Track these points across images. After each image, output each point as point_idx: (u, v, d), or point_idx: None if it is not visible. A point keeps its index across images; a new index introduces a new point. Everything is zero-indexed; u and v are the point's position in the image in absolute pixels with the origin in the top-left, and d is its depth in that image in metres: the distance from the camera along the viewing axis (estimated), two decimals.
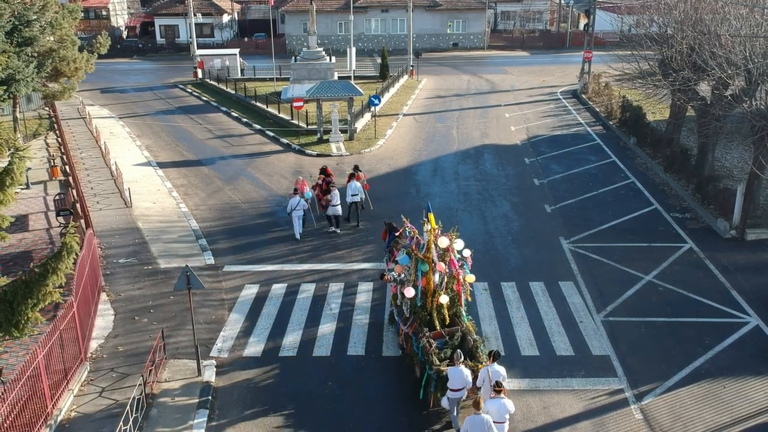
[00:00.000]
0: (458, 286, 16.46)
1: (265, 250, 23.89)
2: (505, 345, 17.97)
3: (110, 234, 25.08)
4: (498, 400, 13.43)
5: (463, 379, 14.29)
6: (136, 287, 21.17)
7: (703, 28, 27.00)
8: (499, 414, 13.36)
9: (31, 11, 32.23)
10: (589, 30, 50.98)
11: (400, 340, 17.40)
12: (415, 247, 16.52)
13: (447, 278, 16.43)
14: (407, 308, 16.92)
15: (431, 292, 16.38)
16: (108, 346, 17.96)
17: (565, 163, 33.69)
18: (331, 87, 37.46)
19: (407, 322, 16.77)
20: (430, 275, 16.18)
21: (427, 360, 15.18)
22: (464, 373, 14.31)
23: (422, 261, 16.15)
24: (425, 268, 16.13)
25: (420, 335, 15.91)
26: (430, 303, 16.46)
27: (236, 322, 19.24)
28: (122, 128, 42.04)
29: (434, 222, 16.24)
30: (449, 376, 14.33)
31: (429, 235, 16.09)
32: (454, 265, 16.37)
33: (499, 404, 13.39)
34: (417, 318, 16.48)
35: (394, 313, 18.15)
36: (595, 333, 18.55)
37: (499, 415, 13.33)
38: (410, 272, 16.60)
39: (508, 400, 13.65)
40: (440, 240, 15.93)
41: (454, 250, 16.33)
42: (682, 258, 23.01)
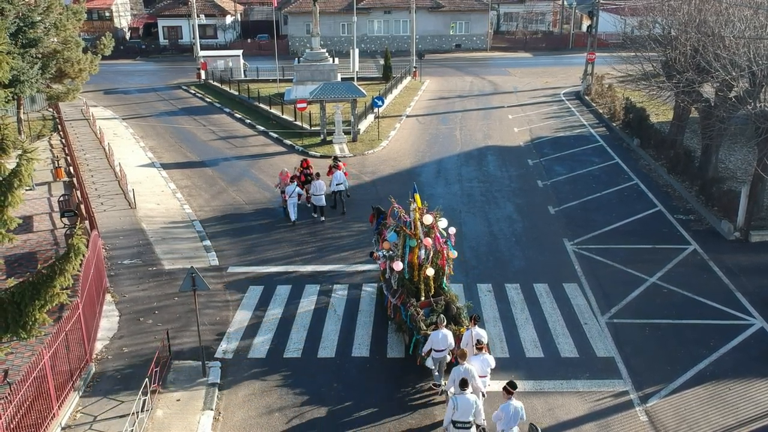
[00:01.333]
0: (443, 261, 17.88)
1: (269, 252, 23.92)
2: (509, 347, 17.99)
3: (114, 235, 25.13)
4: (480, 356, 14.99)
5: (446, 341, 15.63)
6: (141, 288, 21.21)
7: (707, 30, 27.00)
8: (482, 368, 14.88)
9: (36, 12, 32.33)
10: (593, 31, 50.94)
11: (389, 312, 18.70)
12: (402, 224, 17.80)
13: (432, 253, 17.65)
14: (395, 281, 18.13)
15: (418, 266, 17.64)
16: (113, 347, 18.00)
17: (569, 164, 33.70)
18: (335, 88, 37.50)
19: (395, 294, 18.13)
20: (417, 250, 17.48)
21: (415, 326, 16.70)
22: (447, 336, 15.66)
23: (409, 237, 17.52)
24: (413, 244, 17.49)
25: (408, 305, 17.30)
26: (417, 275, 17.75)
27: (241, 324, 19.27)
28: (126, 129, 42.11)
29: (420, 201, 17.60)
30: (432, 339, 15.62)
31: (415, 213, 17.46)
32: (438, 240, 17.65)
33: (481, 359, 14.95)
34: (405, 290, 17.81)
35: (383, 287, 19.32)
36: (600, 335, 18.55)
37: (481, 369, 14.83)
38: (398, 248, 17.79)
39: (490, 356, 15.23)
40: (425, 217, 17.31)
41: (438, 228, 17.63)
42: (686, 260, 23.00)
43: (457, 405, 13.50)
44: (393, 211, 18.51)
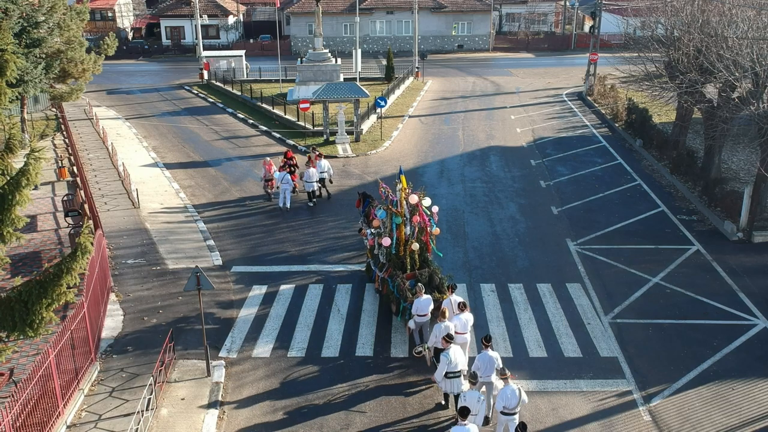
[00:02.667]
0: (426, 237, 19.44)
1: (272, 251, 23.97)
2: (513, 346, 18.02)
3: (118, 235, 25.19)
4: (460, 316, 16.46)
5: (427, 306, 17.30)
6: (145, 288, 21.26)
7: (710, 31, 27.04)
8: (463, 326, 16.40)
9: (40, 12, 32.39)
10: (595, 32, 50.97)
11: (376, 285, 20.37)
12: (389, 203, 19.30)
13: (417, 229, 19.18)
14: (383, 256, 19.81)
15: (404, 241, 19.17)
16: (118, 346, 18.05)
17: (572, 165, 33.72)
18: (337, 89, 37.55)
19: (383, 268, 19.70)
20: (403, 227, 19.07)
21: (402, 296, 18.23)
22: (428, 302, 17.35)
23: (396, 215, 19.07)
24: (399, 221, 19.06)
25: (395, 277, 18.76)
26: (403, 250, 19.22)
27: (245, 323, 19.31)
28: (129, 129, 42.18)
29: (405, 182, 19.16)
30: (416, 305, 17.24)
31: (401, 193, 18.99)
32: (423, 217, 19.16)
33: (462, 319, 16.43)
34: (392, 264, 19.35)
35: (371, 263, 20.98)
36: (603, 335, 18.58)
37: (462, 327, 16.36)
38: (386, 225, 19.49)
39: (470, 315, 16.70)
40: (410, 197, 18.77)
41: (422, 206, 19.10)
42: (689, 260, 23.02)
43: (449, 359, 14.62)
44: (382, 191, 19.76)
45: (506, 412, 13.79)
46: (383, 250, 19.73)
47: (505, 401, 13.73)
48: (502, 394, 13.81)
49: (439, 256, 21.64)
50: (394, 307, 18.95)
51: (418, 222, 18.98)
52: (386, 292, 19.57)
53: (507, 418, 13.81)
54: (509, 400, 13.70)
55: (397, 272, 18.91)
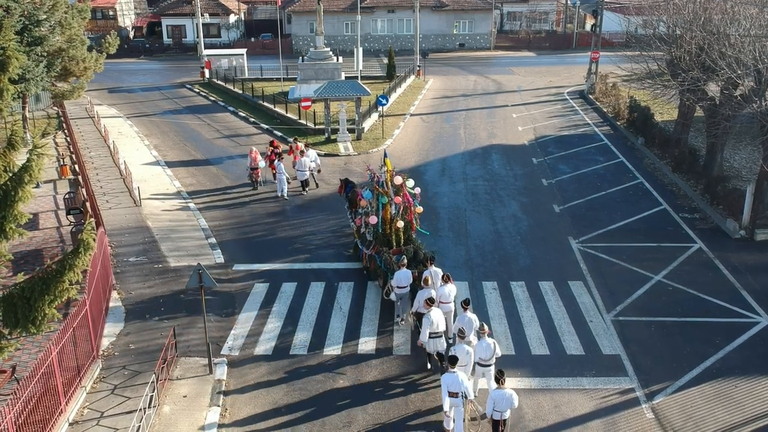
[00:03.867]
0: (410, 215, 20.73)
1: (274, 249, 23.96)
2: (515, 344, 18.00)
3: (120, 233, 25.18)
4: (446, 287, 17.62)
5: (407, 279, 18.49)
6: (147, 285, 21.25)
7: (713, 28, 27.00)
8: (446, 296, 17.47)
9: (41, 11, 32.37)
10: (597, 31, 50.91)
11: (364, 262, 21.59)
12: (375, 184, 20.62)
13: (402, 208, 20.49)
14: (370, 234, 21.13)
15: (389, 220, 20.52)
16: (120, 344, 18.05)
17: (573, 163, 33.69)
18: (339, 87, 37.53)
19: (370, 245, 20.96)
20: (388, 206, 20.40)
21: (389, 269, 19.46)
22: (407, 274, 18.48)
23: (382, 195, 20.38)
24: (384, 201, 20.38)
25: (382, 253, 20.09)
26: (389, 228, 20.53)
27: (247, 321, 19.30)
28: (130, 128, 42.16)
29: (390, 165, 20.57)
30: (396, 277, 18.46)
31: (386, 174, 20.31)
32: (407, 197, 20.50)
33: (446, 289, 17.54)
34: (378, 241, 20.67)
35: (358, 243, 22.29)
36: (605, 332, 18.56)
37: (445, 297, 17.45)
38: (372, 205, 20.87)
39: (453, 286, 17.74)
40: (395, 178, 20.23)
41: (406, 187, 20.54)
42: (691, 258, 22.99)
43: (430, 320, 16.00)
44: (368, 173, 21.55)
45: (482, 363, 15.33)
46: (370, 229, 21.09)
47: (481, 353, 15.26)
48: (478, 346, 15.34)
49: (426, 235, 22.83)
50: (381, 281, 20.41)
51: (403, 201, 20.35)
52: (374, 268, 20.95)
53: (483, 369, 15.36)
54: (484, 351, 15.23)
55: (384, 248, 20.24)
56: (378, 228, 20.76)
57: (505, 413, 13.74)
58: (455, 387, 13.85)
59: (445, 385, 13.94)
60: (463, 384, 13.87)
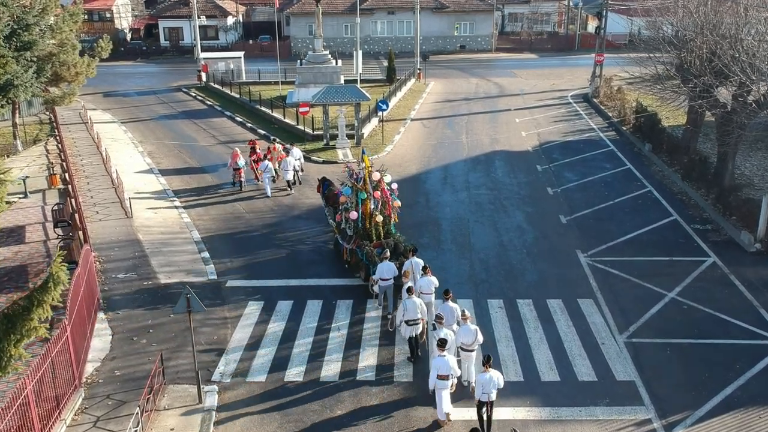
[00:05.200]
0: (389, 210, 21.54)
1: (270, 263, 22.98)
2: (523, 369, 16.99)
3: (109, 246, 24.18)
4: (426, 278, 18.30)
5: (391, 270, 19.00)
6: (135, 305, 20.24)
7: (725, 32, 26.00)
8: (427, 287, 18.22)
9: (30, 15, 31.35)
10: (601, 33, 49.88)
11: (345, 257, 22.00)
12: (354, 180, 21.30)
13: (380, 203, 21.23)
14: (350, 229, 21.66)
15: (369, 214, 21.13)
16: (104, 370, 17.03)
17: (579, 170, 32.68)
18: (338, 92, 36.49)
19: (350, 240, 21.49)
20: (368, 202, 21.06)
21: (371, 261, 20.12)
22: (391, 267, 19.04)
23: (361, 191, 21.04)
24: (364, 196, 21.00)
25: (363, 246, 20.73)
26: (369, 223, 21.18)
27: (239, 343, 18.29)
28: (124, 133, 41.16)
29: (368, 161, 21.39)
30: (380, 269, 18.98)
31: (364, 171, 21.13)
32: (385, 192, 21.39)
33: (427, 280, 18.29)
34: (359, 235, 21.28)
35: (338, 239, 22.70)
36: (619, 356, 17.55)
37: (427, 288, 18.20)
38: (352, 201, 21.36)
39: (433, 278, 18.38)
40: (373, 174, 21.07)
41: (384, 182, 21.33)
42: (705, 273, 21.98)
43: (406, 307, 16.75)
44: (347, 170, 22.34)
45: (465, 349, 15.94)
46: (350, 224, 21.65)
47: (463, 338, 15.86)
48: (461, 332, 15.96)
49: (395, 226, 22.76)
50: (363, 273, 21.02)
51: (381, 196, 21.17)
52: (355, 262, 21.54)
53: (466, 354, 15.98)
54: (466, 337, 15.82)
55: (364, 242, 20.89)
56: (358, 223, 21.37)
57: (491, 395, 14.35)
58: (444, 370, 14.66)
59: (435, 368, 14.75)
60: (451, 367, 14.77)
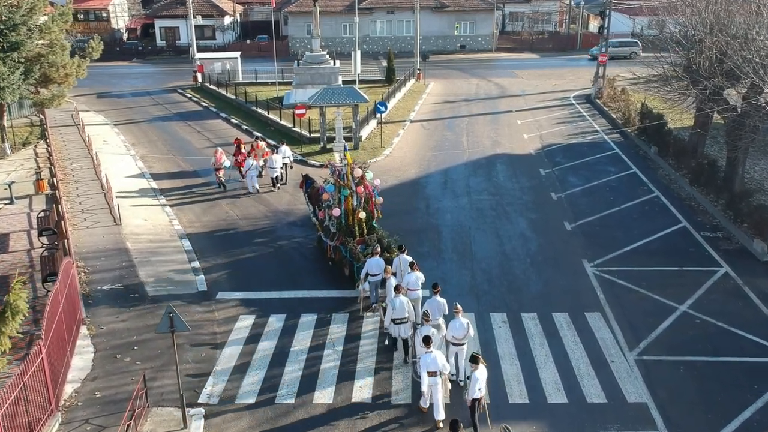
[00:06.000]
0: (372, 206, 21.60)
1: (262, 273, 22.02)
2: (528, 390, 16.02)
3: (96, 256, 23.21)
4: (413, 274, 18.24)
5: (379, 266, 18.96)
6: (120, 319, 19.27)
7: (736, 32, 25.04)
8: (415, 283, 18.13)
9: (18, 14, 30.37)
10: (604, 32, 48.90)
11: (329, 254, 22.01)
12: (337, 177, 21.28)
13: (363, 200, 21.26)
14: (333, 226, 21.70)
15: (352, 211, 21.21)
16: (84, 391, 16.06)
17: (584, 174, 31.71)
18: (335, 93, 35.50)
19: (334, 237, 21.53)
20: (350, 198, 21.13)
21: (355, 258, 20.35)
22: (380, 263, 19.01)
23: (343, 187, 21.09)
24: (346, 192, 21.08)
25: (347, 243, 20.77)
26: (352, 219, 21.24)
27: (229, 361, 17.33)
28: (117, 136, 40.20)
29: (350, 158, 21.43)
30: (368, 265, 19.02)
31: (347, 168, 21.10)
32: (368, 188, 21.39)
33: (414, 276, 18.18)
34: (342, 232, 21.30)
35: (321, 236, 22.80)
36: (629, 375, 16.59)
37: (414, 284, 18.10)
38: (335, 198, 21.43)
39: (420, 273, 18.36)
40: (355, 171, 21.03)
41: (366, 178, 21.37)
42: (717, 284, 21.03)
43: (394, 306, 16.62)
44: (330, 166, 22.43)
45: (455, 342, 15.82)
46: (333, 221, 21.68)
47: (454, 332, 15.72)
48: (452, 325, 15.79)
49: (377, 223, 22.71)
50: (347, 270, 21.04)
51: (364, 193, 21.16)
52: (339, 259, 21.51)
53: (456, 348, 15.88)
54: (457, 330, 15.68)
55: (348, 239, 20.92)
56: (341, 219, 21.44)
57: (483, 390, 14.19)
58: (433, 366, 14.50)
59: (425, 365, 14.53)
60: (439, 363, 14.56)
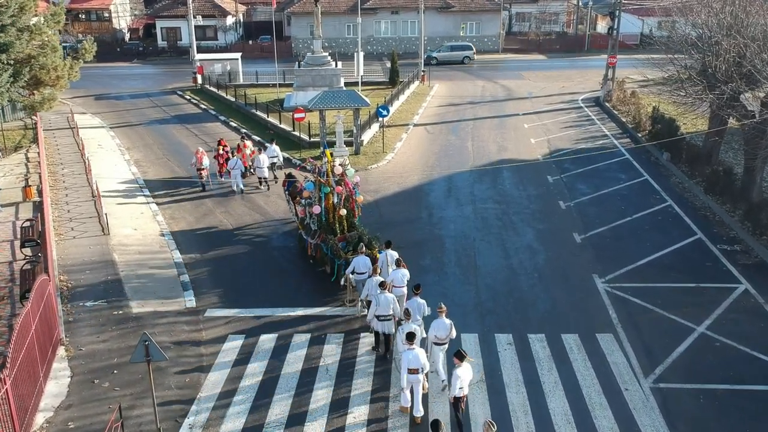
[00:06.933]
0: (352, 204, 21.68)
1: (255, 289, 20.87)
2: (536, 422, 14.80)
3: (80, 269, 22.09)
4: (399, 271, 18.20)
5: (366, 264, 18.93)
6: (101, 339, 18.13)
7: (755, 33, 23.77)
8: (400, 280, 18.07)
9: (6, 15, 29.32)
10: (613, 33, 47.59)
11: (310, 251, 22.00)
12: (317, 175, 21.35)
13: (343, 197, 21.26)
14: (314, 223, 21.85)
15: (332, 208, 21.23)
16: (57, 422, 14.92)
17: (593, 182, 30.45)
18: (335, 97, 34.32)
19: (315, 235, 21.63)
20: (330, 196, 21.13)
21: (337, 255, 20.48)
22: (366, 261, 19.01)
23: (324, 185, 21.09)
24: (327, 190, 21.09)
25: (328, 240, 20.83)
26: (332, 217, 21.25)
27: (214, 387, 16.17)
28: (112, 140, 39.12)
29: (330, 156, 21.47)
30: (355, 263, 19.02)
31: (327, 165, 21.12)
32: (348, 186, 21.45)
33: (400, 273, 18.16)
34: (323, 229, 21.35)
35: (302, 234, 22.84)
36: (645, 405, 15.37)
37: (399, 281, 18.05)
38: (315, 195, 21.47)
39: (405, 270, 18.30)
40: (335, 168, 21.09)
41: (347, 176, 21.41)
42: (737, 303, 19.76)
43: (378, 302, 16.65)
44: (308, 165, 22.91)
45: (438, 342, 15.81)
46: (314, 219, 21.78)
47: (437, 331, 15.71)
48: (435, 325, 15.75)
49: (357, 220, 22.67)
50: (329, 268, 21.15)
51: (344, 190, 21.19)
52: (320, 256, 21.57)
53: (439, 347, 15.85)
54: (440, 330, 15.69)
55: (329, 236, 20.94)
56: (322, 217, 21.44)
57: (465, 389, 14.14)
58: (414, 363, 14.49)
59: (406, 362, 14.50)
60: (421, 360, 14.55)
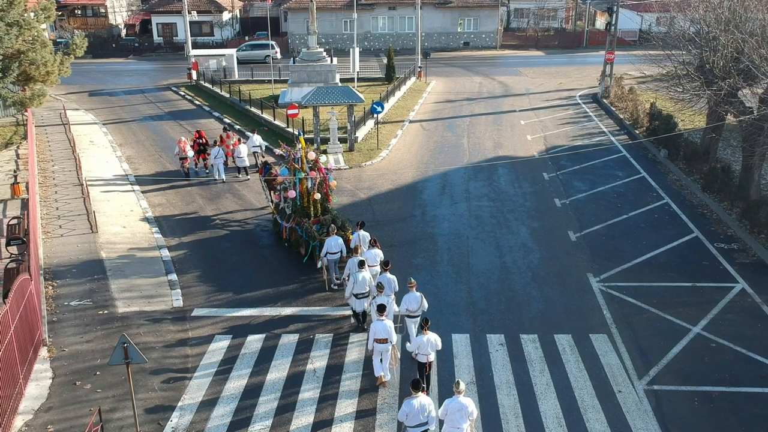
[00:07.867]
0: (326, 188, 22.33)
1: (244, 288, 20.50)
2: (526, 425, 14.46)
3: (67, 268, 21.73)
4: (372, 250, 19.07)
5: (338, 245, 19.94)
6: (85, 339, 17.77)
7: (753, 28, 23.38)
8: (373, 259, 18.76)
9: None
10: (612, 29, 47.16)
11: (284, 235, 22.82)
12: (292, 160, 21.92)
13: (317, 182, 21.85)
14: (289, 207, 22.75)
15: (306, 193, 21.92)
16: (36, 425, 14.57)
17: (589, 179, 30.08)
18: (329, 93, 33.90)
19: (290, 219, 22.49)
20: (305, 181, 21.79)
21: (311, 237, 21.30)
22: (338, 241, 19.97)
23: (298, 170, 21.73)
24: (301, 175, 21.74)
25: (302, 223, 21.72)
26: (307, 201, 21.99)
27: (199, 389, 15.81)
28: (104, 136, 38.69)
29: (304, 143, 22.25)
30: (327, 244, 19.87)
31: (301, 151, 21.87)
32: (322, 171, 22.08)
33: (373, 253, 18.89)
34: (298, 213, 22.22)
35: (277, 218, 23.58)
36: (638, 408, 15.02)
37: (372, 260, 18.70)
38: (290, 180, 22.05)
39: (379, 250, 19.12)
40: (309, 154, 21.94)
41: (320, 161, 22.28)
42: (734, 303, 19.41)
43: (356, 280, 17.35)
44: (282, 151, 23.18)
45: (410, 315, 16.69)
46: (289, 203, 22.59)
47: (408, 305, 16.56)
48: (406, 298, 16.59)
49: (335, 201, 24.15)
50: (303, 249, 21.83)
51: (318, 175, 21.78)
52: (295, 239, 22.28)
53: (410, 320, 16.75)
54: (411, 304, 16.54)
55: (303, 219, 21.79)
56: (297, 201, 22.12)
57: (430, 356, 14.91)
58: (382, 334, 15.24)
59: (373, 332, 15.33)
60: (389, 331, 15.24)
